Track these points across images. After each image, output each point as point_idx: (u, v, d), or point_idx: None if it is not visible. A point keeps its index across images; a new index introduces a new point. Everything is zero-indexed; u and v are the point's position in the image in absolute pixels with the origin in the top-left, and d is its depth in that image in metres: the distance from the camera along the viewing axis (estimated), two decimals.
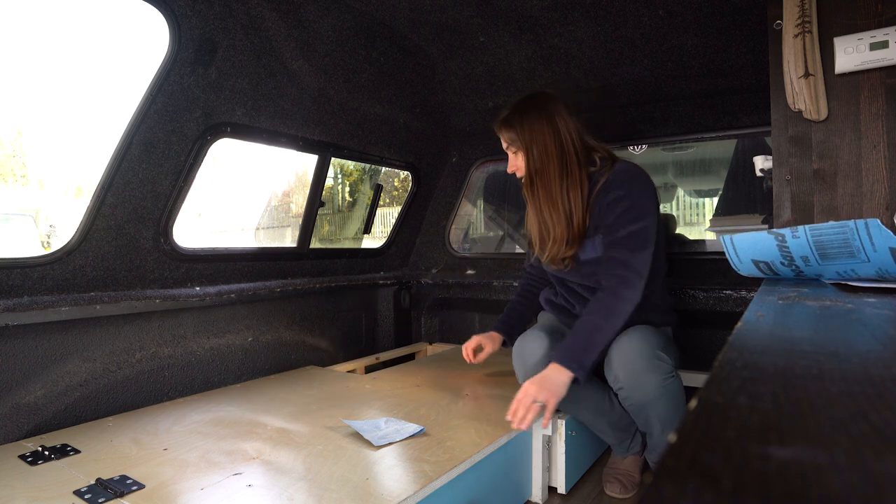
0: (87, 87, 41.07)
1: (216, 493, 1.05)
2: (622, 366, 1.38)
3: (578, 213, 1.50)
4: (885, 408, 0.29)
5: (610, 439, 1.59)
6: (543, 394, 1.28)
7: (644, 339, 1.39)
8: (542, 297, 1.78)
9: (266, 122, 1.82)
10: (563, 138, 1.51)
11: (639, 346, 1.38)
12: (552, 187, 1.51)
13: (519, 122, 1.53)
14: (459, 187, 2.67)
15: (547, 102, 1.53)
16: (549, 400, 1.28)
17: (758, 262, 0.96)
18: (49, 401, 1.44)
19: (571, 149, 1.51)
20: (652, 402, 1.37)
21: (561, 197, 1.50)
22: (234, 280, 1.90)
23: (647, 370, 1.35)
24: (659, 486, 0.20)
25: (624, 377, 1.37)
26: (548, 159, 1.50)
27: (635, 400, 1.39)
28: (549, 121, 1.51)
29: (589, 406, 1.51)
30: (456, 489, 1.18)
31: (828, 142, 1.31)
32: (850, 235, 0.82)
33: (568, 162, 1.51)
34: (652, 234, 1.44)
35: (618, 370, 1.38)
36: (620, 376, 1.38)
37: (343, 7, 1.73)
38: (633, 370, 1.36)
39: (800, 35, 1.29)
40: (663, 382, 1.36)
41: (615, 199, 1.47)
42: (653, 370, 1.35)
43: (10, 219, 7.43)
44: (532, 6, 1.74)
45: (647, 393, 1.36)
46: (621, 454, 1.60)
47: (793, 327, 0.53)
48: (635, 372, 1.36)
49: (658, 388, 1.36)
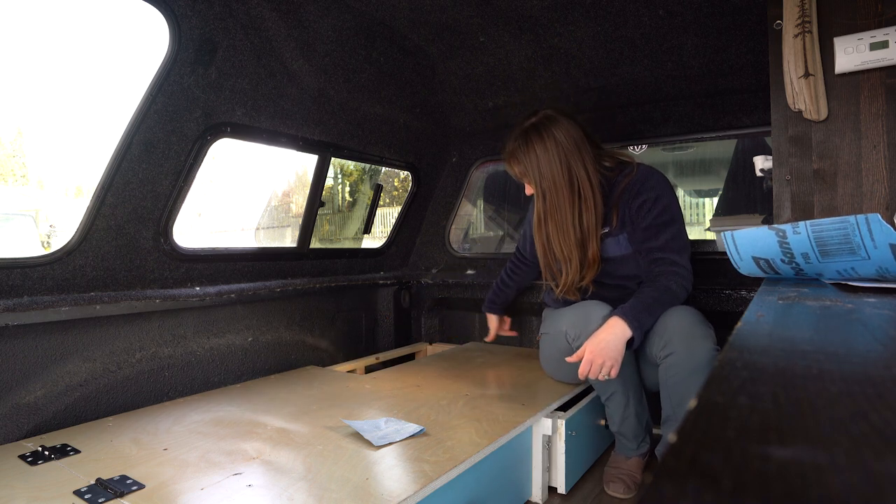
0: (87, 87, 41.02)
1: (216, 493, 1.05)
2: (678, 331, 1.42)
3: (593, 239, 1.57)
4: (885, 408, 0.29)
5: (628, 434, 1.58)
6: (609, 360, 1.37)
7: (696, 312, 1.48)
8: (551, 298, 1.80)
9: (266, 122, 1.82)
10: (571, 165, 1.54)
11: (693, 316, 1.45)
12: (565, 220, 1.57)
13: (525, 155, 1.57)
14: (459, 187, 2.67)
15: (550, 126, 1.55)
16: (614, 364, 1.38)
17: (758, 260, 0.95)
18: (49, 401, 1.44)
19: (583, 172, 1.55)
20: (698, 370, 1.38)
21: (573, 227, 1.57)
22: (234, 280, 1.90)
23: (702, 336, 1.40)
24: (659, 486, 0.20)
25: (679, 341, 1.41)
26: (557, 191, 1.55)
27: (684, 366, 1.40)
28: (555, 149, 1.54)
29: (631, 387, 1.54)
30: (456, 489, 1.18)
31: (828, 142, 1.31)
32: (850, 231, 0.82)
33: (580, 186, 1.55)
34: (686, 236, 1.56)
35: (673, 334, 1.42)
36: (675, 340, 1.41)
37: (343, 7, 1.73)
38: (690, 335, 1.40)
39: (800, 35, 1.29)
40: (713, 350, 1.39)
41: (647, 201, 1.54)
42: (707, 337, 1.40)
43: (10, 219, 7.43)
44: (532, 6, 1.74)
45: (699, 359, 1.38)
46: (629, 454, 1.59)
47: (793, 327, 0.53)
48: (693, 336, 1.40)
49: (709, 354, 1.38)
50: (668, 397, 1.47)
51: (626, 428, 1.58)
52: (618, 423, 1.58)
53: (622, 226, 1.60)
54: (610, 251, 1.62)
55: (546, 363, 1.80)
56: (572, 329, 1.55)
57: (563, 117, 1.57)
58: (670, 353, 1.42)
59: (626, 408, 1.55)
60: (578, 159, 1.54)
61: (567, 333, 1.57)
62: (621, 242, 1.60)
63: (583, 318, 1.55)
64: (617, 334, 1.38)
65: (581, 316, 1.56)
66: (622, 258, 1.62)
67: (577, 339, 1.53)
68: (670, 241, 1.52)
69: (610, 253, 1.62)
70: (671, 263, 1.50)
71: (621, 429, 1.59)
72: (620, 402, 1.55)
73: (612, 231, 1.60)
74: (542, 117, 1.58)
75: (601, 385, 1.56)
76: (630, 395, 1.55)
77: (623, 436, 1.60)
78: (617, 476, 1.55)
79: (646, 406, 1.61)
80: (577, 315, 1.57)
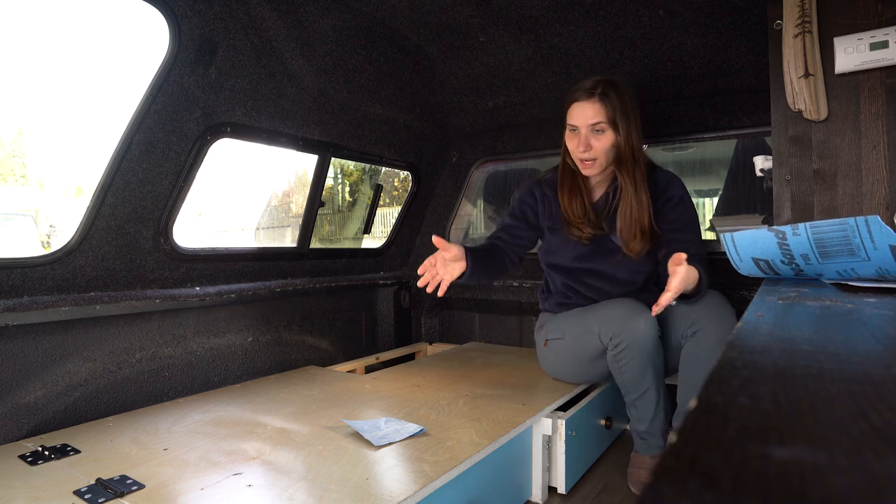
0: (87, 88, 41.01)
1: (216, 493, 1.05)
2: (708, 307, 1.50)
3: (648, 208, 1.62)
4: (885, 408, 0.29)
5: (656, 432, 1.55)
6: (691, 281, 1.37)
7: (721, 294, 1.57)
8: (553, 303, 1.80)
9: (266, 122, 1.82)
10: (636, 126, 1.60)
11: (720, 296, 1.54)
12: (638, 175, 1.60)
13: (619, 100, 1.55)
14: (459, 187, 2.67)
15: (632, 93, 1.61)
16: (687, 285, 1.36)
17: (758, 261, 0.95)
18: (49, 401, 1.44)
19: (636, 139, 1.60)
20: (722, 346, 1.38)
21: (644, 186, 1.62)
22: (234, 280, 1.90)
23: (730, 314, 1.49)
24: (659, 486, 0.20)
25: (708, 315, 1.48)
26: (638, 145, 1.60)
27: (711, 340, 1.46)
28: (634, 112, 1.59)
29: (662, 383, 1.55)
30: (456, 489, 1.18)
31: (828, 142, 1.31)
32: (850, 232, 0.81)
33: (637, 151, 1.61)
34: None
35: (700, 315, 1.49)
36: (706, 313, 1.48)
37: (343, 7, 1.73)
38: (719, 311, 1.49)
39: (800, 35, 1.29)
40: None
41: (675, 198, 1.64)
42: (733, 314, 1.49)
43: (10, 219, 7.43)
44: (532, 6, 1.74)
45: (723, 334, 1.44)
46: (651, 451, 1.56)
47: (793, 327, 0.53)
48: (721, 313, 1.48)
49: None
50: (688, 378, 1.51)
51: (656, 426, 1.54)
52: (648, 421, 1.54)
53: None
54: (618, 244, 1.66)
55: (556, 367, 1.76)
56: (607, 328, 1.51)
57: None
58: (698, 330, 1.48)
59: (657, 404, 1.53)
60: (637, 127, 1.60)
61: (601, 334, 1.53)
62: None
63: (619, 315, 1.50)
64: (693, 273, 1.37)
65: (616, 313, 1.51)
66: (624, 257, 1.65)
67: (615, 336, 1.49)
68: (700, 239, 1.63)
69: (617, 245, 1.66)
70: (703, 256, 1.57)
71: (651, 427, 1.54)
72: (653, 398, 1.52)
73: None
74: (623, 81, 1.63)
75: (636, 380, 1.51)
76: (661, 390, 1.54)
77: (651, 435, 1.55)
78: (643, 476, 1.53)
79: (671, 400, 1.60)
80: (609, 313, 1.53)
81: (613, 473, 1.67)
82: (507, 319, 2.54)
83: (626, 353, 1.49)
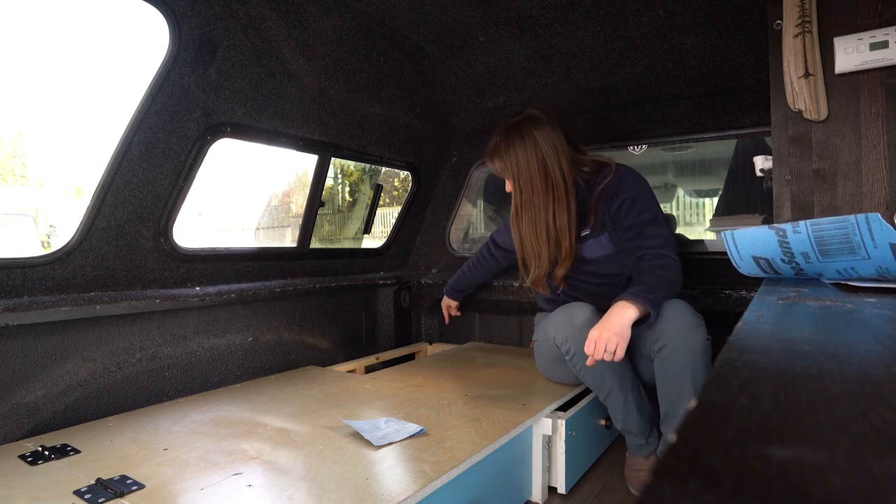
0: (87, 88, 41.03)
1: (216, 493, 1.05)
2: (671, 321, 1.45)
3: (566, 237, 1.61)
4: (885, 408, 0.29)
5: (634, 430, 1.57)
6: (614, 337, 1.35)
7: (686, 304, 1.51)
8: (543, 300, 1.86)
9: (266, 122, 1.82)
10: (548, 164, 1.60)
11: (684, 307, 1.49)
12: (538, 216, 1.62)
13: (505, 152, 1.63)
14: (459, 187, 2.67)
15: (531, 127, 1.61)
16: (620, 342, 1.35)
17: (758, 260, 0.95)
18: (49, 401, 1.44)
19: (558, 172, 1.60)
20: (692, 360, 1.40)
21: (546, 223, 1.62)
22: (234, 280, 1.90)
23: (694, 326, 1.43)
24: (659, 486, 0.20)
25: (672, 332, 1.43)
26: (532, 190, 1.62)
27: (678, 357, 1.42)
28: (533, 148, 1.60)
29: (627, 381, 1.55)
30: (456, 489, 1.18)
31: (828, 142, 1.31)
32: (850, 230, 0.81)
33: (554, 188, 1.61)
34: (669, 230, 1.60)
35: (666, 325, 1.44)
36: (669, 331, 1.44)
37: (343, 7, 1.73)
38: (682, 325, 1.44)
39: (800, 35, 1.29)
40: (705, 340, 1.42)
41: (626, 202, 1.59)
42: (699, 327, 1.44)
43: (10, 219, 7.42)
44: (532, 6, 1.74)
45: (692, 349, 1.41)
46: (642, 452, 1.58)
47: (793, 327, 0.53)
48: (685, 327, 1.43)
49: (701, 344, 1.41)
50: (665, 391, 1.47)
51: (630, 424, 1.57)
52: (621, 420, 1.58)
53: (602, 226, 1.65)
54: (591, 252, 1.67)
55: (542, 368, 1.82)
56: (559, 333, 1.56)
57: (545, 118, 1.62)
58: (664, 346, 1.45)
59: (625, 403, 1.55)
60: (555, 160, 1.59)
61: (554, 338, 1.58)
62: (602, 243, 1.66)
63: (566, 320, 1.56)
64: (621, 315, 1.37)
65: (564, 318, 1.57)
66: (604, 258, 1.67)
67: (564, 342, 1.54)
68: (655, 237, 1.55)
69: (592, 254, 1.67)
70: (660, 257, 1.52)
71: (626, 426, 1.58)
72: (619, 398, 1.55)
73: (593, 232, 1.66)
74: (524, 117, 1.64)
75: (597, 383, 1.56)
76: (627, 389, 1.55)
77: (630, 433, 1.59)
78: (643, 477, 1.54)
79: (646, 399, 1.61)
80: (560, 318, 1.59)
81: (613, 473, 1.67)
82: (507, 320, 2.54)
83: (577, 359, 1.53)
